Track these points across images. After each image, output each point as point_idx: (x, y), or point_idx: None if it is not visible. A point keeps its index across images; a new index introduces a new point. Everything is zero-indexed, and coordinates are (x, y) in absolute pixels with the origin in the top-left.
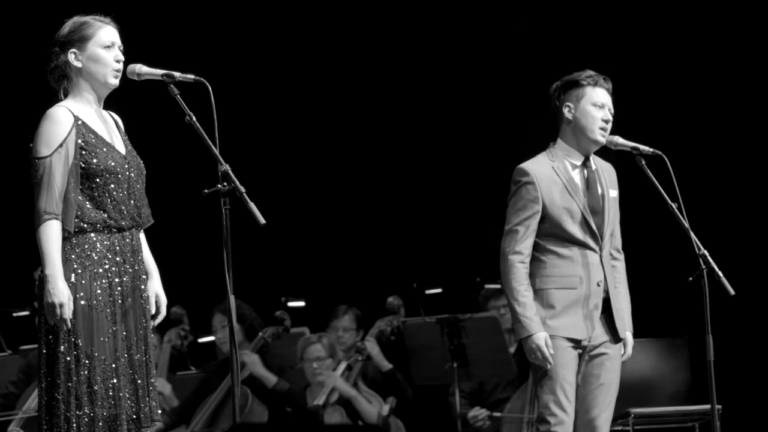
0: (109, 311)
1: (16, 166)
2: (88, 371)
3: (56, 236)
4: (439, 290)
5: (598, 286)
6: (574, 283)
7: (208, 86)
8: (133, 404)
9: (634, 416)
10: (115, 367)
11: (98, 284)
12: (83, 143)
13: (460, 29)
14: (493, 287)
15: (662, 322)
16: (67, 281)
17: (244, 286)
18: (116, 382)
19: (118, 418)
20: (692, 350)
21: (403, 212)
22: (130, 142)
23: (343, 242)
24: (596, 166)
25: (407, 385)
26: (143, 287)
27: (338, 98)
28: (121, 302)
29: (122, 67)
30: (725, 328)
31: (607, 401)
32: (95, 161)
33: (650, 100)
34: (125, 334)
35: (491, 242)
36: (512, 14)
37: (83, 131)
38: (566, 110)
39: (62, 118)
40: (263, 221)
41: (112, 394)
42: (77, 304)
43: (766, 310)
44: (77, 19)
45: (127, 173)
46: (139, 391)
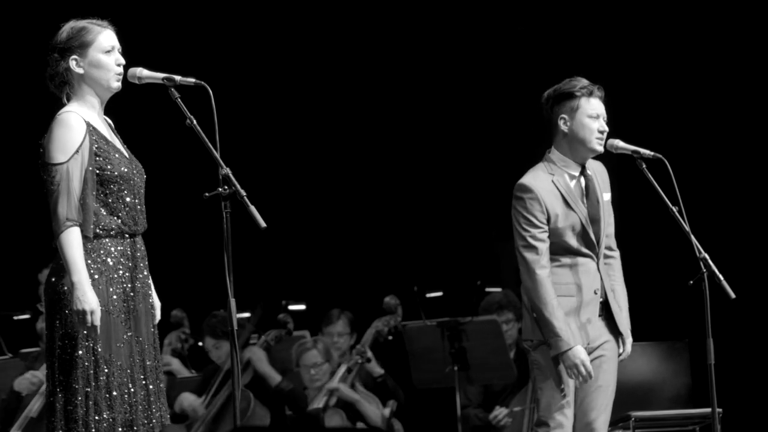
0: (124, 317)
1: (16, 169)
2: (106, 377)
3: (79, 243)
4: (439, 293)
5: (595, 293)
6: (571, 290)
7: (208, 90)
8: (145, 409)
9: (634, 419)
10: (130, 372)
11: (114, 290)
12: (97, 149)
13: (460, 32)
14: (494, 291)
15: (663, 325)
16: None
17: (244, 289)
18: (131, 387)
19: (134, 423)
20: (693, 353)
21: (403, 216)
22: (127, 146)
23: (344, 246)
24: (591, 171)
25: (399, 389)
26: (150, 292)
27: (338, 101)
28: (133, 307)
29: (123, 69)
30: (726, 331)
31: (605, 403)
32: (110, 167)
33: (651, 103)
34: (138, 339)
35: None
36: (512, 17)
37: (95, 137)
38: (561, 122)
39: (75, 123)
40: (264, 225)
41: (127, 399)
42: None
43: (766, 313)
44: (74, 24)
45: (134, 179)
46: (151, 396)
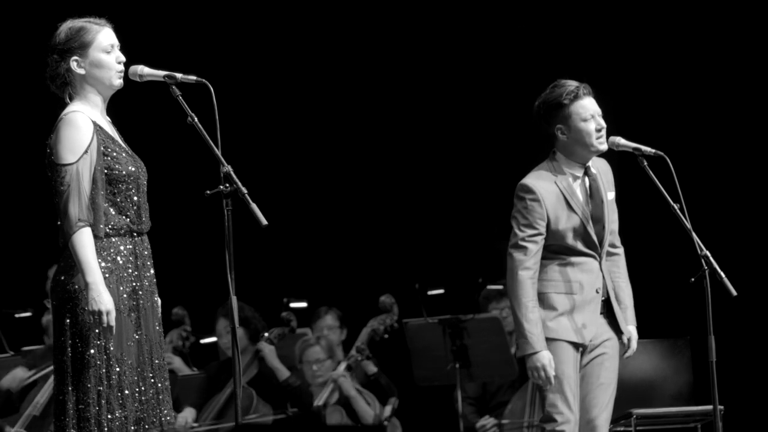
0: (134, 315)
1: (19, 168)
2: (118, 376)
3: (91, 243)
4: (441, 291)
5: (597, 292)
6: (573, 288)
7: (210, 87)
8: (153, 408)
9: (636, 417)
10: (140, 370)
11: (123, 288)
12: (105, 149)
13: (460, 31)
14: (494, 288)
15: (664, 322)
16: None
17: (245, 287)
18: (142, 386)
19: (145, 421)
20: (694, 351)
21: (405, 213)
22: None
23: (345, 244)
24: (595, 169)
25: (393, 386)
26: (155, 290)
27: (339, 99)
28: (142, 305)
29: (124, 66)
30: (727, 328)
31: (606, 401)
32: (118, 167)
33: (652, 100)
34: (146, 337)
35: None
36: (513, 16)
37: (102, 136)
38: (558, 132)
39: (83, 123)
40: (265, 222)
41: (138, 397)
42: None
43: (767, 310)
44: (72, 24)
45: (140, 177)
46: (159, 395)
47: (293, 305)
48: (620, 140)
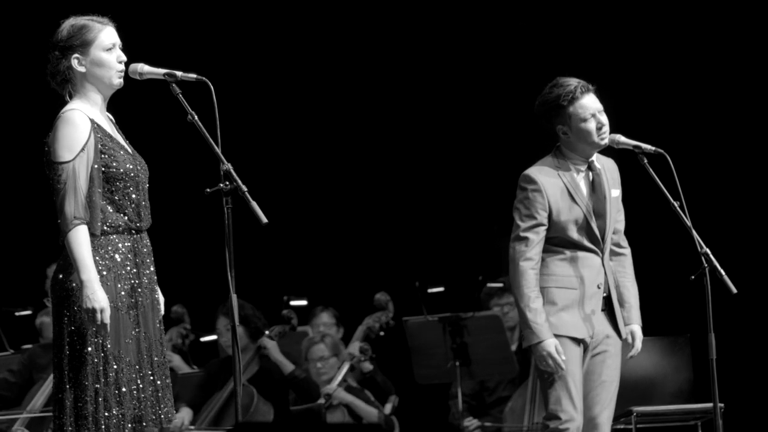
0: (132, 313)
1: (17, 168)
2: (116, 373)
3: (87, 241)
4: (441, 289)
5: (598, 288)
6: (574, 283)
7: (210, 85)
8: (152, 405)
9: (636, 414)
10: (138, 368)
11: (122, 286)
12: (102, 147)
13: (460, 28)
14: (495, 285)
15: (665, 320)
16: None
17: (245, 285)
18: (140, 383)
19: (143, 419)
20: (694, 348)
21: (405, 211)
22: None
23: (345, 241)
24: (600, 166)
25: (389, 383)
26: (156, 287)
27: (339, 96)
28: (141, 303)
29: (125, 66)
30: (727, 326)
31: (608, 399)
32: (115, 164)
33: (652, 98)
34: (145, 335)
35: (493, 241)
36: (513, 12)
37: (100, 134)
38: (560, 132)
39: (80, 121)
40: (265, 220)
41: (136, 395)
42: None
43: (767, 308)
44: (75, 22)
45: (140, 175)
46: (158, 392)
47: (293, 303)
48: (620, 138)
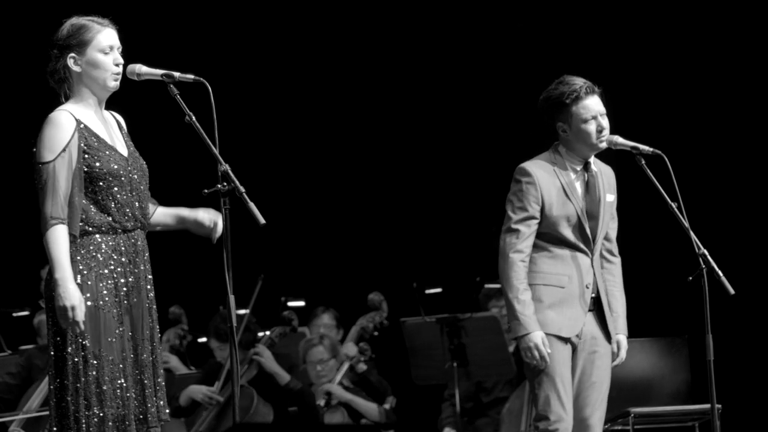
0: (115, 311)
1: (18, 168)
2: (96, 372)
3: (64, 240)
4: (439, 290)
5: (586, 287)
6: (562, 281)
7: (207, 86)
8: (139, 404)
9: (634, 416)
10: (122, 367)
11: (104, 285)
12: (86, 147)
13: (458, 29)
14: (493, 287)
15: (662, 321)
16: None
17: (243, 286)
18: (123, 382)
19: (126, 418)
20: (692, 350)
21: (403, 212)
22: (132, 142)
23: (343, 242)
24: (597, 169)
25: (384, 382)
26: (149, 287)
27: (337, 97)
28: (127, 302)
29: (122, 69)
30: (725, 327)
31: (599, 400)
32: (98, 165)
33: (650, 99)
34: (131, 334)
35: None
36: (511, 14)
37: (86, 135)
38: (560, 130)
39: (64, 122)
40: (263, 221)
41: (119, 394)
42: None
43: (765, 309)
44: (75, 21)
45: (130, 175)
46: (146, 390)
47: (291, 304)
48: (618, 139)
